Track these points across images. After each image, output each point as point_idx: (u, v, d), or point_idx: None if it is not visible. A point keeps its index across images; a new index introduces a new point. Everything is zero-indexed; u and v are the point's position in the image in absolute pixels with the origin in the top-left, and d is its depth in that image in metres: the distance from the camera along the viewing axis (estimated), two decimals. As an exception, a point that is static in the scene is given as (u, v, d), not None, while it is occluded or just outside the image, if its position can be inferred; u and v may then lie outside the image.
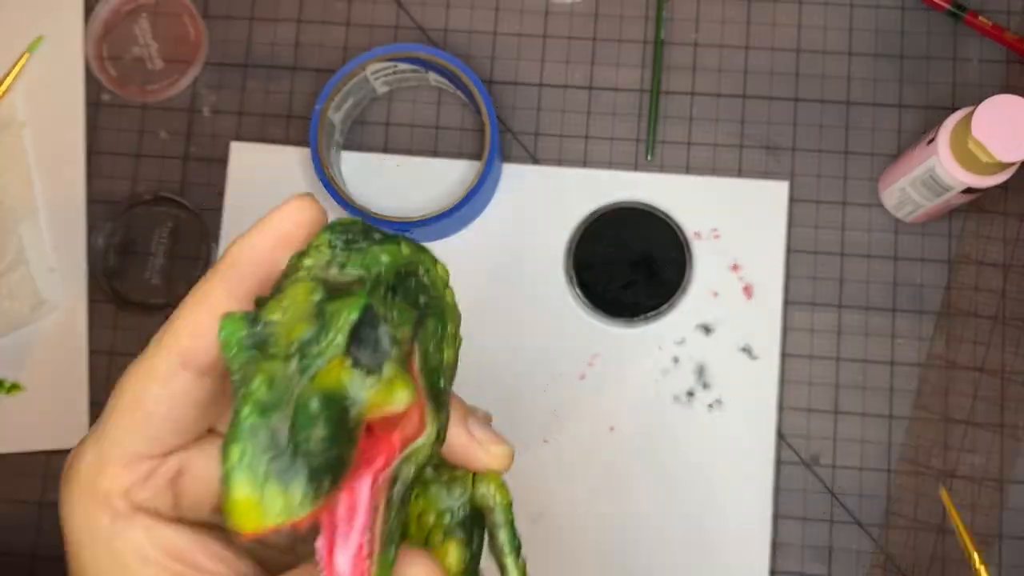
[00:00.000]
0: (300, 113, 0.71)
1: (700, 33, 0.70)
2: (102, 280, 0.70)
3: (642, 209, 0.67)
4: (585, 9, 0.71)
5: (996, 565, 0.64)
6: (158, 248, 0.70)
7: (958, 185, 0.59)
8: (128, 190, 0.71)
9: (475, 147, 0.70)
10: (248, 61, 0.72)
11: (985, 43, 0.69)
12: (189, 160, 0.71)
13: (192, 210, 0.70)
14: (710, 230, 0.68)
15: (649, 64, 0.70)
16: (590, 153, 0.69)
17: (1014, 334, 0.66)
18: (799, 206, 0.68)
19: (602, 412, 0.66)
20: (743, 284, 0.67)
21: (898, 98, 0.69)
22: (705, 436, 0.66)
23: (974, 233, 0.67)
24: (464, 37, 0.71)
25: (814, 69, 0.70)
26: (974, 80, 0.69)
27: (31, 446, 0.68)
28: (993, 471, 0.65)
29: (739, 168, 0.69)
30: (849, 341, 0.67)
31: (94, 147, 0.72)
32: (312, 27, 0.72)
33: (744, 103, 0.69)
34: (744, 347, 0.66)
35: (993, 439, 0.65)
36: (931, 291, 0.67)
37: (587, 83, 0.70)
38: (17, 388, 0.69)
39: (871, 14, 0.70)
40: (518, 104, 0.70)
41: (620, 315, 0.66)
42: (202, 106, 0.72)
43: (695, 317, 0.67)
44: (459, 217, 0.66)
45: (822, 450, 0.66)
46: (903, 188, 0.64)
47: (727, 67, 0.70)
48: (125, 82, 0.72)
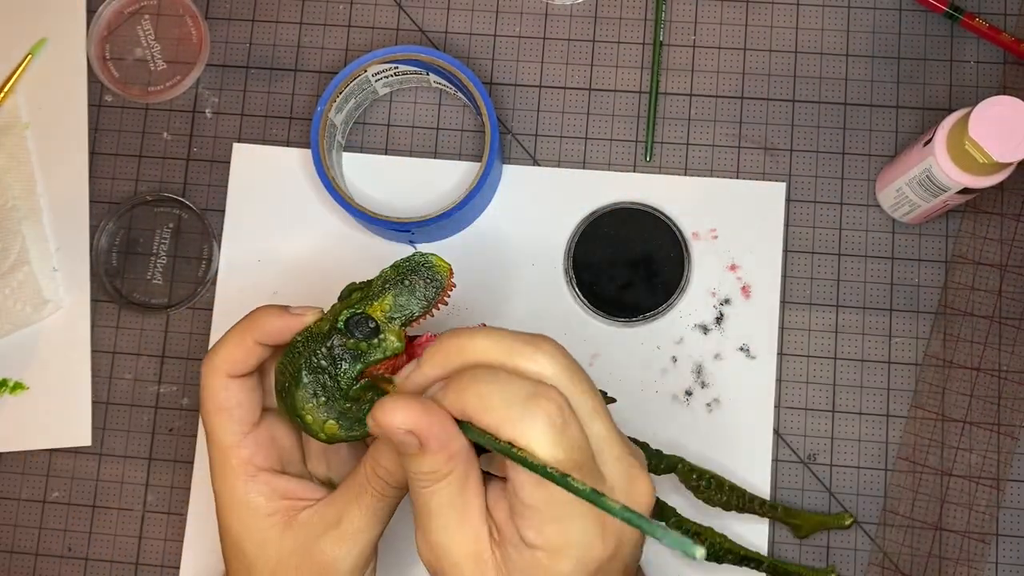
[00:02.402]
0: (302, 114, 0.71)
1: (698, 35, 0.71)
2: (105, 280, 0.70)
3: (641, 210, 0.68)
4: (584, 11, 0.71)
5: (993, 563, 0.65)
6: (160, 248, 0.70)
7: (955, 186, 0.59)
8: (130, 190, 0.71)
9: (475, 148, 0.70)
10: (250, 63, 0.72)
11: (982, 44, 0.69)
12: (191, 161, 0.71)
13: (194, 210, 0.70)
14: (708, 230, 0.68)
15: (648, 66, 0.71)
16: (589, 154, 0.70)
17: (1011, 333, 0.67)
18: (796, 206, 0.69)
19: (601, 411, 0.67)
20: (741, 284, 0.68)
21: (895, 99, 0.69)
22: (703, 435, 0.66)
23: (971, 233, 0.68)
24: (464, 39, 0.72)
25: (811, 70, 0.70)
26: (971, 81, 0.69)
27: (34, 445, 0.69)
28: (990, 470, 0.65)
29: (737, 169, 0.69)
30: (846, 341, 0.67)
31: (97, 148, 0.72)
32: (314, 29, 0.72)
33: (742, 104, 0.70)
34: (742, 346, 0.67)
35: (990, 438, 0.66)
36: (928, 291, 0.67)
37: (586, 85, 0.71)
38: (20, 387, 0.69)
39: (868, 16, 0.70)
40: (518, 105, 0.71)
41: (619, 315, 0.67)
42: (204, 107, 0.72)
43: (693, 317, 0.67)
44: (459, 218, 0.66)
45: (819, 449, 0.66)
46: (900, 188, 0.64)
47: (725, 69, 0.70)
48: (128, 83, 0.72)
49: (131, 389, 0.69)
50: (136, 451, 0.69)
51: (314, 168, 0.66)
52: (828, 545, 0.65)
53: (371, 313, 0.49)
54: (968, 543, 0.65)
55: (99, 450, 0.69)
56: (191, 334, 0.69)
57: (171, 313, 0.70)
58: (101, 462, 0.69)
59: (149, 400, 0.69)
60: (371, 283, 0.50)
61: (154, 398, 0.69)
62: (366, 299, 0.49)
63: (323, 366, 0.49)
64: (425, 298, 0.49)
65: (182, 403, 0.69)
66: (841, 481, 0.66)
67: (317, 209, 0.70)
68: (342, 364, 0.49)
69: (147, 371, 0.69)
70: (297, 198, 0.70)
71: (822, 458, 0.66)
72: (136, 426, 0.69)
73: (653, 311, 0.67)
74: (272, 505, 0.50)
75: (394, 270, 0.50)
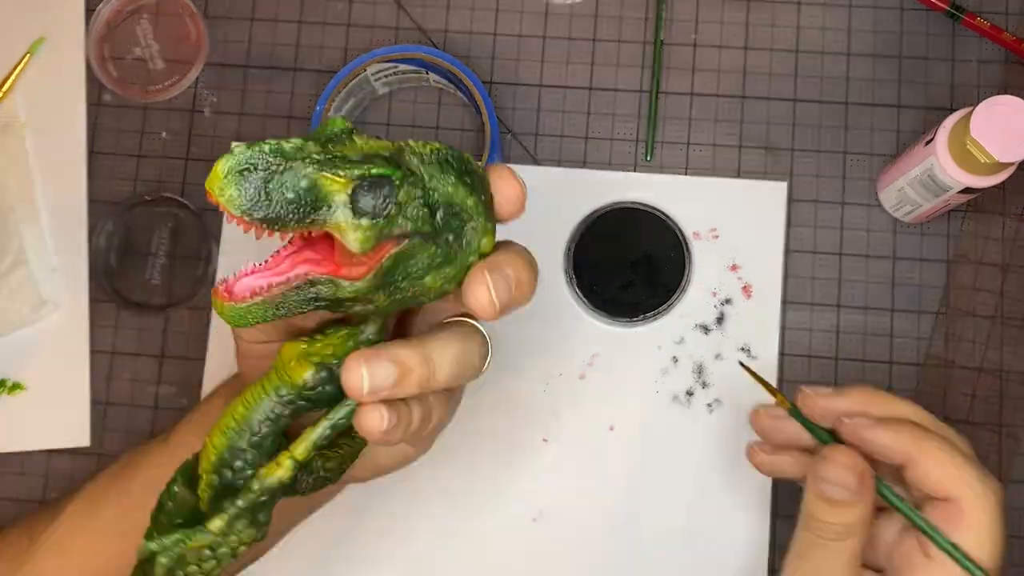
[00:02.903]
0: (301, 114, 0.71)
1: (699, 34, 0.71)
2: (103, 280, 0.70)
3: (641, 209, 0.68)
4: (585, 10, 0.71)
5: (994, 564, 0.64)
6: (159, 248, 0.70)
7: (956, 185, 0.59)
8: (129, 190, 0.71)
9: (475, 148, 0.70)
10: (249, 62, 0.72)
11: (983, 44, 0.69)
12: (190, 160, 0.71)
13: (193, 210, 0.70)
14: (709, 230, 0.68)
15: (649, 65, 0.70)
16: (590, 154, 0.70)
17: (1012, 334, 0.66)
18: (798, 206, 0.68)
19: (602, 412, 0.67)
20: (742, 284, 0.67)
21: (896, 98, 0.69)
22: (704, 435, 0.66)
23: (972, 233, 0.67)
24: (464, 38, 0.71)
25: (813, 70, 0.70)
26: (972, 81, 0.69)
27: (33, 445, 0.69)
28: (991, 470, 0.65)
29: (738, 168, 0.69)
30: (848, 341, 0.67)
31: (95, 147, 0.72)
32: (313, 28, 0.72)
33: (743, 104, 0.70)
34: (743, 346, 0.67)
35: (992, 439, 0.66)
36: (929, 291, 0.67)
37: (587, 84, 0.70)
38: (19, 388, 0.69)
39: (870, 15, 0.70)
40: (518, 105, 0.70)
41: (620, 315, 0.67)
42: (203, 106, 0.72)
43: (694, 317, 0.67)
44: (459, 217, 0.66)
45: (821, 449, 0.66)
46: (902, 188, 0.64)
47: (726, 68, 0.70)
48: (126, 82, 0.72)
49: (129, 389, 0.69)
50: (135, 452, 0.69)
51: (313, 168, 0.65)
52: (829, 546, 0.65)
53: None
54: (970, 544, 0.65)
55: (98, 450, 0.69)
56: (190, 334, 0.69)
57: (170, 313, 0.69)
58: (99, 463, 0.68)
59: (148, 400, 0.69)
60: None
61: (153, 399, 0.69)
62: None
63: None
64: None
65: (181, 403, 0.69)
66: (842, 482, 0.65)
67: (316, 209, 0.70)
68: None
69: (146, 371, 0.69)
70: (296, 198, 0.70)
71: (823, 459, 0.66)
72: (135, 427, 0.69)
73: (654, 311, 0.66)
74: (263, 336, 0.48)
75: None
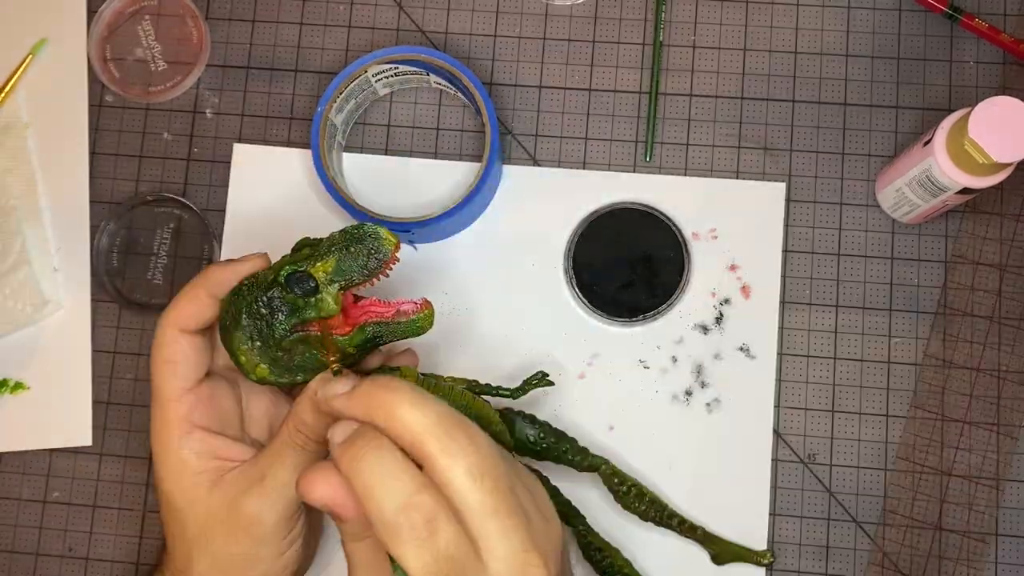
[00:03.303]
0: (302, 115, 0.71)
1: (698, 35, 0.71)
2: (105, 280, 0.70)
3: (641, 210, 0.68)
4: (584, 12, 0.72)
5: (993, 563, 0.65)
6: (161, 248, 0.70)
7: (954, 186, 0.59)
8: (131, 190, 0.71)
9: (476, 149, 0.70)
10: (250, 63, 0.72)
11: (981, 45, 0.70)
12: (192, 161, 0.71)
13: (195, 210, 0.70)
14: (708, 231, 0.68)
15: (648, 66, 0.71)
16: (589, 154, 0.70)
17: (1010, 333, 0.67)
18: (796, 207, 0.69)
19: (602, 412, 0.67)
20: (741, 284, 0.68)
21: (895, 99, 0.69)
22: (703, 435, 0.66)
23: (970, 233, 0.68)
24: (464, 40, 0.72)
25: (811, 71, 0.70)
26: (970, 82, 0.69)
27: (35, 445, 0.69)
28: (990, 470, 0.65)
29: (737, 169, 0.69)
30: (846, 341, 0.67)
31: (97, 148, 0.72)
32: (314, 29, 0.72)
33: (742, 105, 0.70)
34: (742, 346, 0.67)
35: (990, 438, 0.66)
36: (928, 291, 0.67)
37: (586, 85, 0.71)
38: (21, 387, 0.69)
39: (868, 16, 0.70)
40: (518, 106, 0.71)
41: (619, 315, 0.67)
42: (205, 107, 0.72)
43: (693, 317, 0.67)
44: (459, 218, 0.66)
45: (819, 449, 0.66)
46: (900, 189, 0.64)
47: (725, 69, 0.70)
48: (128, 83, 0.72)
49: (132, 389, 0.69)
50: (137, 451, 0.69)
51: (314, 168, 0.66)
52: (828, 545, 0.65)
53: (313, 272, 0.50)
54: (968, 543, 0.65)
55: (100, 450, 0.69)
56: (191, 334, 0.69)
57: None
58: (102, 462, 0.69)
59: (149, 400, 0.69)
60: (320, 242, 0.51)
61: (154, 398, 0.69)
62: (312, 257, 0.51)
63: (262, 313, 0.51)
64: (367, 268, 0.51)
65: (182, 403, 0.69)
66: (841, 481, 0.66)
67: (317, 209, 0.70)
68: (279, 315, 0.51)
69: (147, 371, 0.69)
70: (297, 198, 0.70)
71: (822, 458, 0.66)
72: (137, 426, 0.69)
73: (653, 311, 0.67)
74: (202, 463, 0.53)
75: (342, 235, 0.51)
